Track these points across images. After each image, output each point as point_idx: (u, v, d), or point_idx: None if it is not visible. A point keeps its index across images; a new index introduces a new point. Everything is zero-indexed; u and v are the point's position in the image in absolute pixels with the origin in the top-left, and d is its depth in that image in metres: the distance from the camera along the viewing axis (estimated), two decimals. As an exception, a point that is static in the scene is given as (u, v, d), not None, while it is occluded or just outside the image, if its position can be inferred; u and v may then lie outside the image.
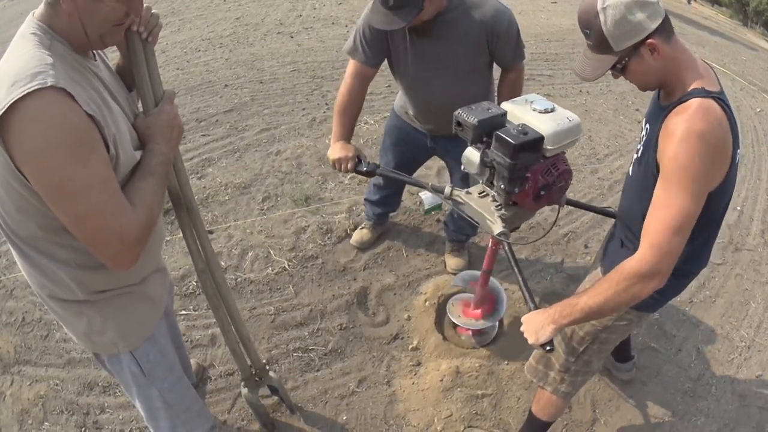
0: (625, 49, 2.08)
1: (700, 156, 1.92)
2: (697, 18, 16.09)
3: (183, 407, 2.58)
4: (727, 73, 10.34)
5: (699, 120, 1.92)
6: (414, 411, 3.57)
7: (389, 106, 4.31)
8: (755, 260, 5.24)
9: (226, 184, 5.33)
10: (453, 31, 3.16)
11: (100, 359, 2.38)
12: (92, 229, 1.76)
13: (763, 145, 7.69)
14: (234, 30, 9.30)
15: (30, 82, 1.55)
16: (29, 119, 1.56)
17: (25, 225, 1.84)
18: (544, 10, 12.57)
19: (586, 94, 8.28)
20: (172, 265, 4.38)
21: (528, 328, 2.46)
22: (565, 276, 4.65)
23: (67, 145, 1.62)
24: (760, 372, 4.07)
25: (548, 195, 2.70)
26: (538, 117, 2.60)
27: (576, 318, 2.31)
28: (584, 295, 2.27)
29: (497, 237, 2.77)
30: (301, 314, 4.11)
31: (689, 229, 2.03)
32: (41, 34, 1.72)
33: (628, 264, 2.12)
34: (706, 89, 2.02)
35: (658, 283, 2.08)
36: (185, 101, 6.86)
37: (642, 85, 2.24)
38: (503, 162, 2.52)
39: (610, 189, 5.93)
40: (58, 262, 1.96)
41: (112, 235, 1.79)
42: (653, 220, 2.06)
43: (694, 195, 1.98)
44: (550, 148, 2.57)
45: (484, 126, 2.62)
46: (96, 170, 1.70)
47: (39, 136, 1.58)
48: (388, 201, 4.48)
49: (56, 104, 1.59)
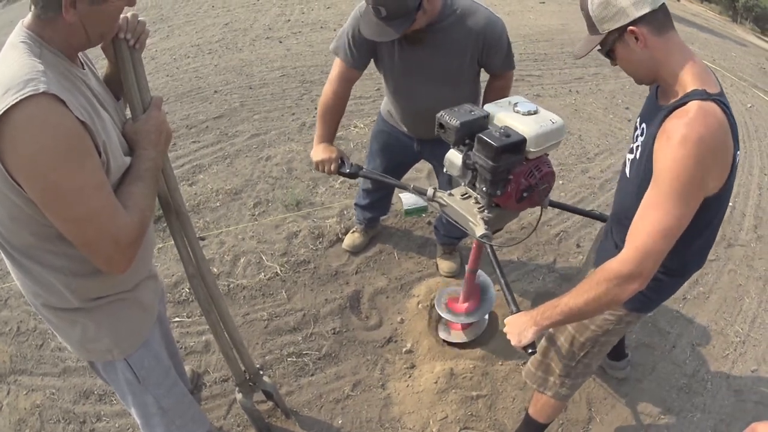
0: (610, 33, 2.09)
1: (697, 161, 1.89)
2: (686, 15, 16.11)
3: (178, 413, 2.57)
4: (717, 70, 10.35)
5: (699, 124, 1.89)
6: (409, 413, 3.56)
7: (378, 109, 4.31)
8: (748, 255, 5.25)
9: (217, 190, 5.32)
10: (443, 40, 3.14)
11: (95, 367, 2.37)
12: (88, 232, 1.77)
13: (754, 141, 7.72)
14: (223, 36, 9.29)
15: (23, 88, 1.55)
16: (23, 125, 1.55)
17: (19, 234, 1.83)
18: (532, 10, 12.59)
19: (576, 94, 8.29)
20: (164, 272, 4.37)
21: (511, 330, 2.48)
22: (557, 276, 4.65)
23: (62, 149, 1.62)
24: (755, 367, 4.08)
25: (531, 197, 2.71)
26: (520, 119, 2.60)
27: (557, 320, 2.32)
28: (565, 297, 2.27)
29: (480, 239, 2.77)
30: (294, 319, 4.09)
31: (677, 234, 2.01)
32: (31, 42, 1.71)
33: (610, 265, 2.10)
34: (707, 91, 1.99)
35: (639, 285, 2.06)
36: (175, 108, 6.84)
37: (633, 75, 2.24)
38: (485, 164, 2.52)
39: (600, 188, 5.93)
40: (52, 270, 1.95)
41: (107, 239, 1.80)
42: (641, 222, 2.04)
43: (686, 200, 1.96)
44: (533, 151, 2.57)
45: (466, 128, 2.63)
46: (90, 174, 1.71)
47: (33, 141, 1.57)
48: (377, 205, 4.47)
49: (49, 110, 1.59)
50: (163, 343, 2.55)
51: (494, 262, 2.80)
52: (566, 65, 9.19)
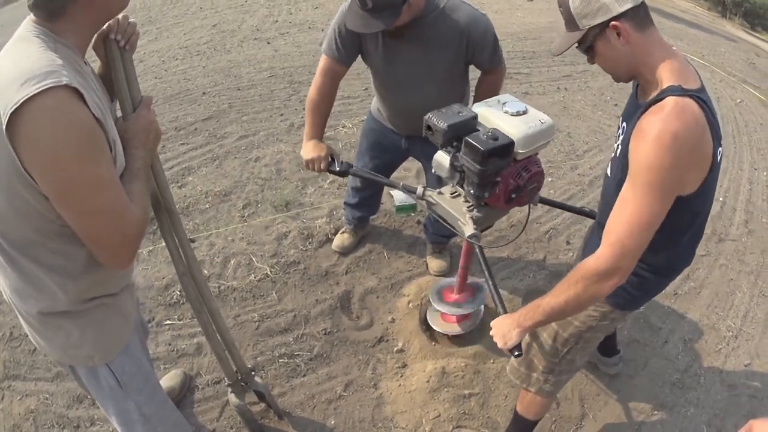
0: (591, 29, 2.08)
1: (672, 157, 1.88)
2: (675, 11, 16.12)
3: (160, 419, 2.56)
4: (706, 66, 10.40)
5: (673, 120, 1.88)
6: (402, 413, 3.56)
7: (366, 109, 4.31)
8: (739, 250, 5.26)
9: (207, 192, 5.30)
10: (427, 36, 3.15)
11: (76, 373, 2.35)
12: (99, 227, 1.80)
13: (744, 136, 7.74)
14: (211, 37, 9.25)
15: (45, 79, 1.55)
16: (41, 117, 1.56)
17: (20, 229, 1.82)
18: (520, 8, 12.59)
19: (564, 91, 8.30)
20: (155, 274, 4.35)
21: (496, 332, 2.50)
22: (548, 273, 4.65)
23: (79, 142, 1.64)
24: (748, 361, 4.08)
25: (520, 197, 2.71)
26: (509, 120, 2.59)
27: (539, 320, 2.33)
28: (547, 297, 2.28)
29: (468, 240, 2.76)
30: (285, 320, 4.08)
31: (653, 230, 2.01)
32: (44, 37, 1.71)
33: (587, 263, 2.10)
34: (683, 87, 1.98)
35: (617, 280, 2.06)
36: (163, 110, 6.82)
37: (612, 72, 2.23)
38: (472, 168, 2.51)
39: (590, 185, 5.94)
40: (48, 269, 1.94)
41: (117, 233, 1.84)
42: (616, 218, 2.04)
43: (659, 196, 1.96)
44: (521, 152, 2.56)
45: (454, 130, 2.62)
46: (105, 169, 1.74)
47: (52, 134, 1.58)
48: (367, 203, 4.47)
49: (69, 103, 1.60)
50: (142, 351, 2.53)
51: (483, 263, 2.79)
52: (554, 63, 9.19)
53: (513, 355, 2.45)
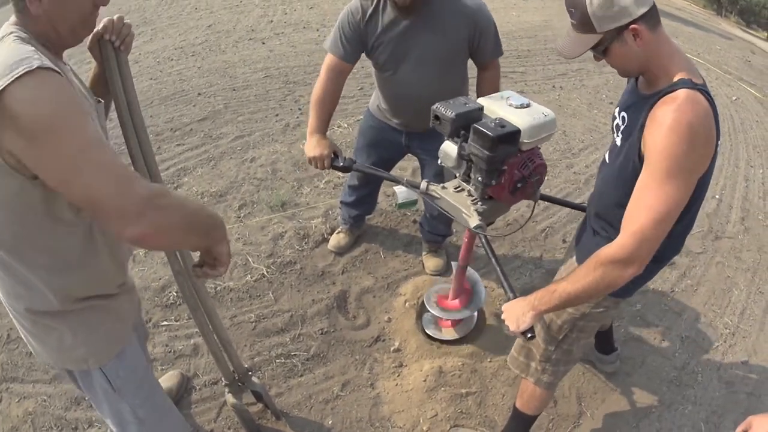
0: (608, 32, 2.08)
1: (690, 146, 1.92)
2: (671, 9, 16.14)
3: (154, 421, 2.55)
4: (702, 63, 10.43)
5: (688, 111, 1.93)
6: (399, 412, 3.55)
7: (362, 109, 4.30)
8: (736, 248, 5.27)
9: (202, 192, 5.29)
10: (435, 20, 3.21)
11: (72, 375, 2.34)
12: (95, 184, 1.62)
13: (740, 133, 7.76)
14: (206, 38, 9.25)
15: (16, 68, 1.52)
16: (21, 96, 1.52)
17: (4, 225, 1.80)
18: (515, 7, 12.61)
19: (560, 90, 8.32)
20: (152, 276, 4.35)
21: (509, 315, 2.48)
22: (544, 271, 4.65)
23: (64, 105, 1.59)
24: (746, 358, 4.09)
25: (524, 188, 2.73)
26: (514, 112, 2.63)
27: (555, 304, 2.33)
28: (563, 282, 2.29)
29: (474, 230, 2.77)
30: (282, 320, 4.07)
31: (674, 219, 2.03)
32: (20, 34, 1.70)
33: (606, 251, 2.12)
34: (692, 81, 2.02)
35: (636, 269, 2.08)
36: (159, 111, 6.82)
37: (622, 70, 2.25)
38: (481, 154, 2.54)
39: (586, 183, 5.95)
40: (34, 267, 1.92)
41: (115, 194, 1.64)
42: (638, 207, 2.05)
43: (682, 184, 1.99)
44: (526, 142, 2.59)
45: (461, 119, 2.66)
46: (93, 132, 1.64)
47: (33, 103, 1.53)
48: (363, 201, 4.47)
49: (48, 79, 1.57)
50: (141, 354, 2.52)
51: (489, 252, 2.81)
52: (550, 61, 9.21)
53: (526, 337, 2.44)
